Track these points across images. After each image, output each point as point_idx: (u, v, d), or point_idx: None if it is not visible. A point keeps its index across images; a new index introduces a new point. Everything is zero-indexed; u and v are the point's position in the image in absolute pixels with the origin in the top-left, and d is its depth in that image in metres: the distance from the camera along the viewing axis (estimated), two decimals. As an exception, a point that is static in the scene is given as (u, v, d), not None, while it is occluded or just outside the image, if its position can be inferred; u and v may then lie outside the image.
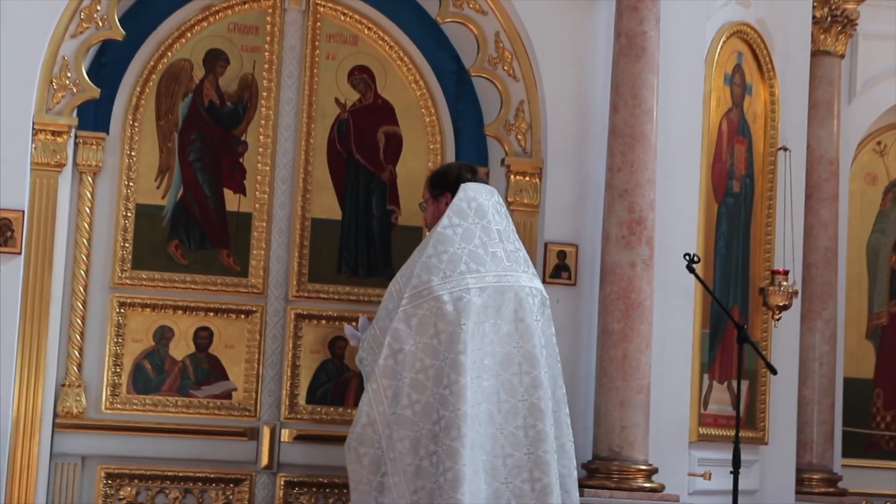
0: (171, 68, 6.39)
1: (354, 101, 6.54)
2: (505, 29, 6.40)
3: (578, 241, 6.32)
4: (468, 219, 5.19)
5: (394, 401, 4.97)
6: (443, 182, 5.43)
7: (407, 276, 5.14)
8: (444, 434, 4.94)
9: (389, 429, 4.95)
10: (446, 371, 5.00)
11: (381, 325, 5.14)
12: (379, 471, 4.94)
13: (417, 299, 5.08)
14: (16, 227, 5.81)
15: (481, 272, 5.16)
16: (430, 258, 5.12)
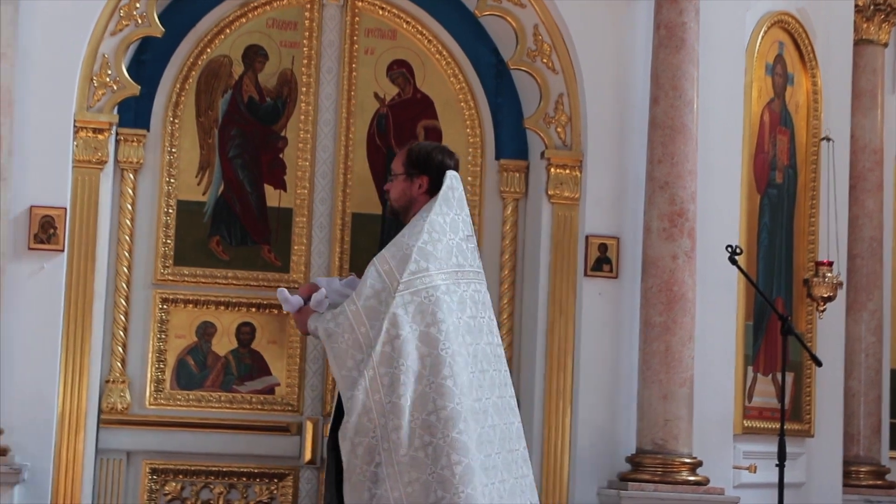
0: (210, 65, 6.40)
1: (393, 96, 6.54)
2: (543, 21, 6.38)
3: (619, 233, 6.29)
4: (453, 209, 5.06)
5: (390, 389, 4.80)
6: (424, 164, 5.13)
7: (400, 258, 4.91)
8: (446, 426, 4.81)
9: (385, 418, 4.79)
10: (447, 361, 4.87)
11: (366, 305, 4.87)
12: (373, 461, 4.79)
13: (415, 285, 4.89)
14: (58, 225, 5.84)
15: (464, 267, 5.06)
16: (427, 245, 4.93)
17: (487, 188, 6.54)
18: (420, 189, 5.10)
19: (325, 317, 4.93)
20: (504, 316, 6.44)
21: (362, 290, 4.87)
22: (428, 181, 5.09)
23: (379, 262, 4.92)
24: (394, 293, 4.83)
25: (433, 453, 4.78)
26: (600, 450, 6.14)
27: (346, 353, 4.84)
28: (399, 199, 5.16)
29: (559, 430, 6.19)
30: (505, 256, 6.49)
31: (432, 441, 4.78)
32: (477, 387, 4.94)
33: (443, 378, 4.83)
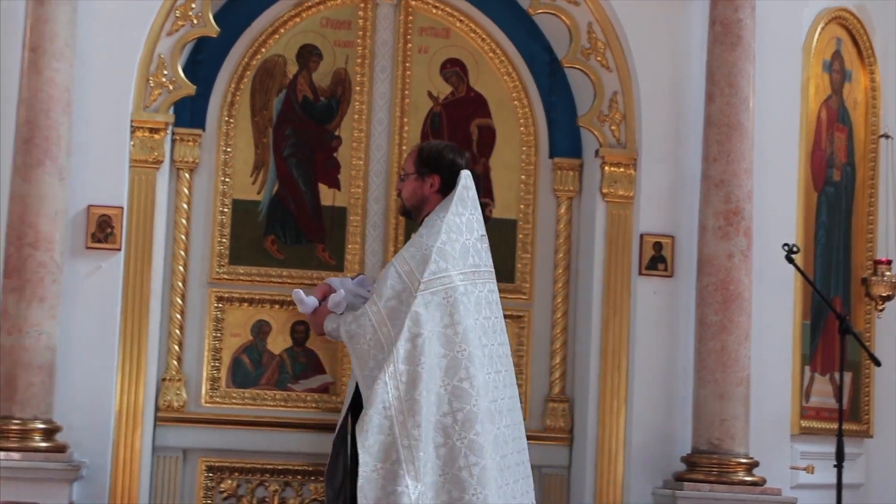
0: (265, 64, 6.43)
1: (447, 95, 6.54)
2: (597, 19, 6.36)
3: (674, 232, 6.26)
4: (468, 209, 5.12)
5: (410, 386, 4.84)
6: (435, 163, 5.19)
7: (420, 259, 4.96)
8: (463, 428, 4.87)
9: (404, 415, 4.82)
10: (463, 363, 4.93)
11: (387, 306, 4.92)
12: (390, 458, 4.81)
13: (435, 286, 4.94)
14: (115, 224, 5.88)
15: (480, 267, 5.12)
16: (445, 245, 4.99)
17: (541, 187, 6.52)
18: (432, 188, 5.16)
19: (346, 318, 4.99)
20: (558, 315, 6.42)
21: (383, 290, 4.93)
22: (440, 180, 5.15)
23: (398, 262, 4.99)
24: (415, 293, 4.89)
25: (447, 455, 4.84)
26: (655, 450, 6.11)
27: (368, 353, 4.91)
28: (411, 199, 5.23)
29: (614, 430, 6.16)
30: (559, 255, 6.47)
31: (446, 442, 4.84)
32: (493, 388, 5.00)
33: (459, 380, 4.90)
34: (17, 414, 5.51)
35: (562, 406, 6.39)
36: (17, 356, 5.52)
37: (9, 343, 5.53)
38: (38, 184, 5.61)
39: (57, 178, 5.65)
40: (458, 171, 5.14)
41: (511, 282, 6.45)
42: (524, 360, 6.43)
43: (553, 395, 6.41)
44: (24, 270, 5.56)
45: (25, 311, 5.55)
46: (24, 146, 5.63)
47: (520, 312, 6.45)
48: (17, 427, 5.49)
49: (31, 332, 5.54)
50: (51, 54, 5.68)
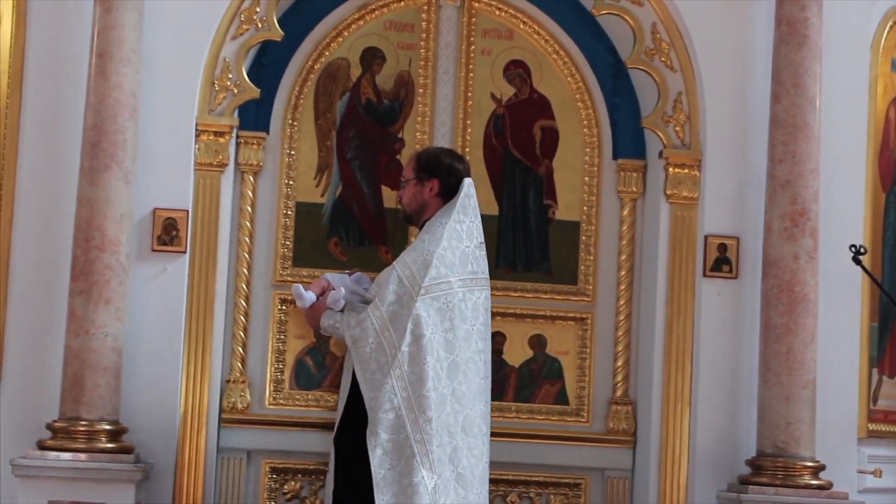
0: (328, 67, 6.46)
1: (510, 96, 6.53)
2: (662, 19, 6.32)
3: (739, 233, 6.21)
4: (469, 216, 5.26)
5: (419, 385, 4.99)
6: (433, 167, 5.34)
7: (421, 264, 5.10)
8: (463, 430, 5.05)
9: (415, 413, 4.97)
10: (461, 368, 5.09)
11: (389, 310, 5.06)
12: (404, 454, 4.96)
13: (435, 291, 5.09)
14: (181, 227, 5.94)
15: (478, 274, 5.26)
16: (446, 251, 5.14)
17: (605, 188, 6.50)
18: (431, 192, 5.31)
19: (349, 321, 5.13)
20: (621, 317, 6.40)
21: (385, 295, 5.06)
22: (438, 184, 5.30)
23: (400, 266, 5.12)
24: (416, 297, 5.04)
25: (452, 453, 5.02)
26: (720, 453, 6.06)
27: (370, 356, 5.04)
28: (411, 204, 5.36)
29: (678, 433, 6.13)
30: (622, 257, 6.44)
31: (451, 441, 5.02)
32: (481, 392, 5.19)
33: (458, 383, 5.07)
34: (83, 415, 5.57)
35: (625, 408, 6.36)
36: (83, 358, 5.59)
37: (76, 345, 5.60)
38: (104, 187, 5.67)
39: (123, 182, 5.71)
40: (456, 174, 5.30)
41: (574, 284, 6.43)
42: (587, 362, 6.41)
43: (616, 398, 6.38)
44: (90, 273, 5.63)
45: (92, 313, 5.61)
46: (92, 150, 5.70)
47: (583, 314, 6.43)
48: (83, 428, 5.56)
49: (98, 334, 5.60)
50: (118, 60, 5.74)
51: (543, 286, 6.43)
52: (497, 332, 6.36)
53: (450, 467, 5.02)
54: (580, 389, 6.41)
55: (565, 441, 6.35)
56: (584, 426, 6.40)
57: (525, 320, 6.42)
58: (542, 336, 6.42)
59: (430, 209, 5.31)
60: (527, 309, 6.41)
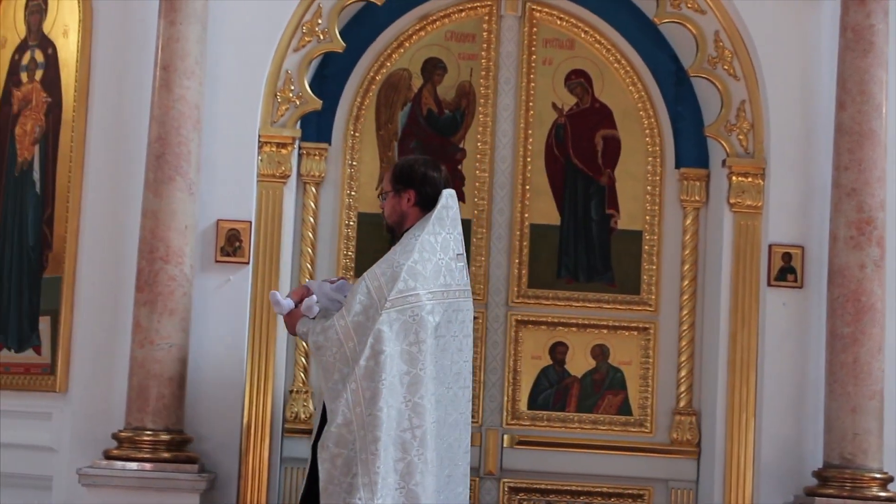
0: (390, 78, 6.48)
1: (571, 106, 6.51)
2: (725, 27, 6.28)
3: (804, 242, 6.15)
4: (446, 228, 5.26)
5: (371, 402, 5.00)
6: (408, 178, 5.37)
7: (390, 276, 5.11)
8: (421, 444, 5.04)
9: (364, 430, 4.98)
10: (424, 381, 5.08)
11: (354, 321, 5.07)
12: (350, 472, 4.97)
13: (402, 304, 5.09)
14: (244, 238, 5.97)
15: (451, 287, 5.24)
16: (416, 264, 5.14)
17: (667, 198, 6.47)
18: (409, 203, 5.34)
19: (315, 329, 5.16)
20: (685, 327, 6.36)
21: (352, 305, 5.08)
22: (415, 194, 5.33)
23: (369, 278, 5.14)
24: (380, 310, 5.05)
25: (404, 470, 5.01)
26: (786, 464, 6.00)
27: (334, 366, 5.07)
28: (392, 215, 5.41)
29: (743, 444, 6.07)
30: (685, 267, 6.40)
31: (405, 457, 5.00)
32: (449, 402, 5.18)
33: (419, 397, 5.05)
34: (148, 425, 5.62)
35: (689, 419, 6.32)
36: (148, 368, 5.64)
37: (141, 355, 5.65)
38: (168, 199, 5.72)
39: (187, 194, 5.76)
40: (431, 183, 5.32)
41: (637, 294, 6.40)
42: (650, 372, 6.38)
43: (680, 408, 6.34)
44: (155, 284, 5.68)
45: (157, 323, 5.66)
46: (156, 162, 5.75)
47: (646, 324, 6.40)
48: (148, 438, 5.60)
49: (162, 345, 5.65)
50: (181, 72, 5.79)
51: (606, 296, 6.40)
52: (559, 342, 6.36)
53: (398, 483, 5.01)
54: (643, 400, 6.38)
55: (629, 452, 6.32)
56: (647, 437, 6.36)
57: (587, 330, 6.40)
58: (604, 346, 6.40)
59: (409, 219, 5.34)
60: (589, 319, 6.39)
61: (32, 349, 6.04)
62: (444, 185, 5.39)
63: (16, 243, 6.13)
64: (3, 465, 6.04)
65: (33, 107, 6.17)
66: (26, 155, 6.16)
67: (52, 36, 6.18)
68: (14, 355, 6.09)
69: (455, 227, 5.29)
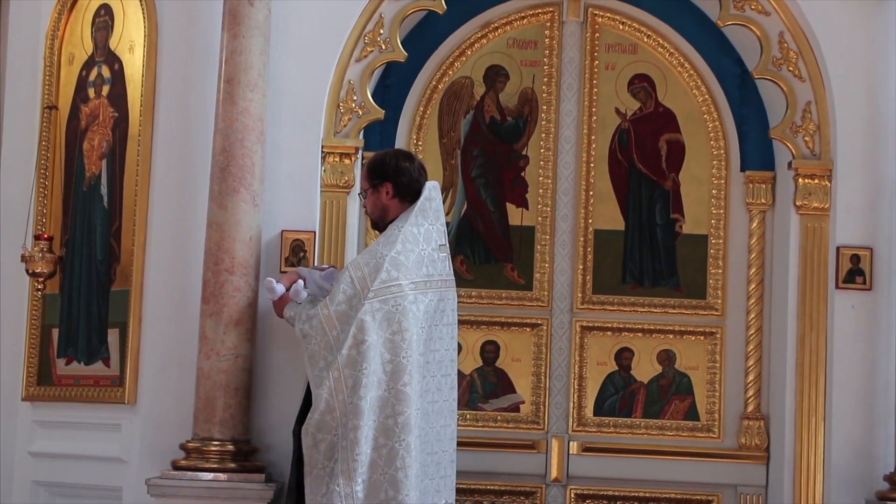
0: (452, 86, 6.50)
1: (635, 111, 6.49)
2: (789, 28, 6.22)
3: (873, 244, 6.07)
4: (428, 219, 5.38)
5: (352, 391, 5.12)
6: (381, 171, 5.50)
7: (373, 267, 5.24)
8: (402, 431, 5.15)
9: (346, 417, 5.09)
10: (407, 369, 5.20)
11: (337, 310, 5.21)
12: (333, 457, 5.10)
13: (384, 294, 5.21)
14: (308, 248, 6.00)
15: (433, 277, 5.35)
16: (399, 255, 5.27)
17: (733, 201, 6.42)
18: (388, 195, 5.48)
19: (301, 316, 5.33)
20: (752, 331, 6.30)
21: (335, 294, 5.24)
22: (392, 186, 5.46)
23: (353, 267, 5.29)
24: (363, 300, 5.19)
25: (387, 455, 5.14)
26: (856, 468, 5.93)
27: (319, 353, 5.22)
28: (374, 211, 5.55)
29: (812, 448, 6.01)
30: (752, 270, 6.35)
31: (387, 443, 5.14)
32: (435, 390, 5.31)
33: (402, 385, 5.18)
34: (216, 435, 5.67)
35: (757, 424, 6.26)
36: (215, 379, 5.69)
37: (207, 366, 5.71)
38: (233, 210, 5.77)
39: (251, 205, 5.80)
40: (405, 173, 5.46)
41: (703, 298, 6.36)
42: (717, 376, 6.33)
43: (748, 413, 6.28)
44: (220, 295, 5.73)
45: (223, 334, 5.71)
46: (220, 174, 5.80)
47: (712, 329, 6.35)
48: (216, 448, 5.65)
49: (229, 356, 5.70)
50: (245, 85, 5.84)
51: (671, 301, 6.37)
52: (625, 347, 6.34)
53: (381, 469, 5.13)
54: (711, 405, 6.33)
55: (696, 457, 6.28)
56: (715, 442, 6.31)
57: (653, 335, 6.37)
58: (670, 351, 6.36)
59: (391, 211, 5.47)
60: (655, 324, 6.36)
61: (101, 361, 6.12)
62: (419, 174, 5.52)
63: (84, 257, 6.21)
64: (74, 477, 6.14)
65: (100, 122, 6.26)
66: (94, 170, 6.25)
67: (119, 52, 6.26)
68: (84, 367, 6.17)
69: (438, 219, 5.42)
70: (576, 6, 6.51)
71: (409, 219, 5.36)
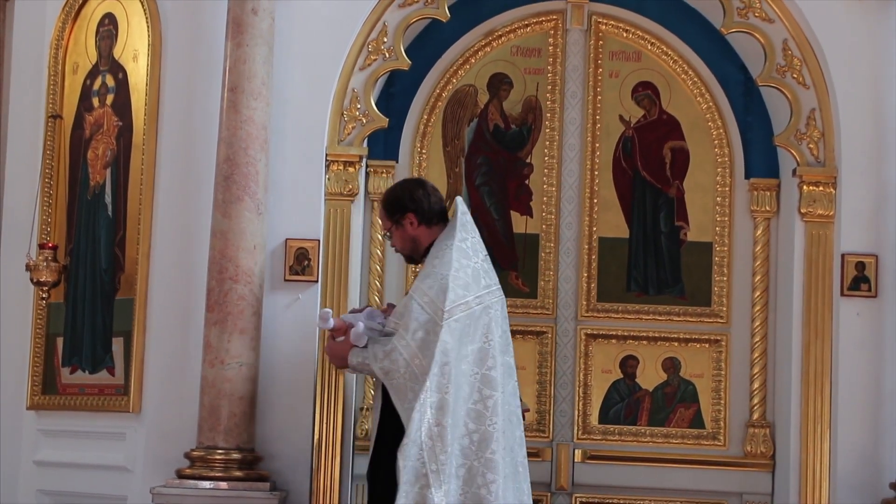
0: (456, 94, 6.50)
1: (639, 118, 6.49)
2: (793, 36, 6.22)
3: (878, 251, 6.06)
4: (470, 232, 5.33)
5: (440, 413, 5.06)
6: (399, 205, 5.43)
7: (438, 289, 5.15)
8: (479, 447, 5.12)
9: (432, 440, 5.04)
10: (477, 386, 5.16)
11: (416, 339, 5.11)
12: (418, 482, 5.03)
13: (457, 313, 5.15)
14: (312, 256, 6.01)
15: (491, 287, 5.31)
16: (458, 272, 5.20)
17: (737, 208, 6.42)
18: (413, 225, 5.41)
19: (377, 355, 5.18)
20: (756, 339, 6.30)
21: (409, 324, 5.13)
22: (415, 215, 5.39)
23: (418, 295, 5.19)
24: (440, 322, 5.10)
25: (466, 475, 5.10)
26: (862, 475, 5.92)
27: (405, 385, 5.11)
28: (406, 246, 5.48)
29: (818, 456, 5.99)
30: (757, 278, 6.34)
31: (464, 462, 5.10)
32: (511, 398, 5.26)
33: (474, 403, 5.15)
34: (220, 444, 5.66)
35: (763, 431, 6.25)
36: (219, 387, 5.68)
37: (211, 375, 5.70)
38: (237, 219, 5.77)
39: (255, 213, 5.80)
40: (423, 199, 5.38)
41: (708, 305, 6.36)
42: (723, 384, 6.32)
43: (753, 421, 6.28)
44: (225, 303, 5.72)
45: (227, 343, 5.70)
46: (224, 183, 5.80)
47: (717, 336, 6.35)
48: (220, 457, 5.64)
49: (233, 364, 5.70)
50: (248, 94, 5.84)
51: (676, 308, 6.36)
52: (629, 355, 6.33)
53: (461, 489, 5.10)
54: (716, 412, 6.32)
55: (702, 465, 6.28)
56: (720, 450, 6.30)
57: (658, 343, 6.36)
58: (675, 359, 6.36)
59: (422, 239, 5.41)
60: (660, 332, 6.35)
61: (106, 370, 6.12)
62: (435, 195, 5.46)
63: (89, 266, 6.22)
64: (79, 486, 6.14)
65: (105, 131, 6.27)
66: (98, 179, 6.25)
67: (123, 61, 6.27)
68: (88, 376, 6.18)
69: (475, 231, 5.37)
70: (579, 14, 6.51)
71: (455, 235, 5.29)
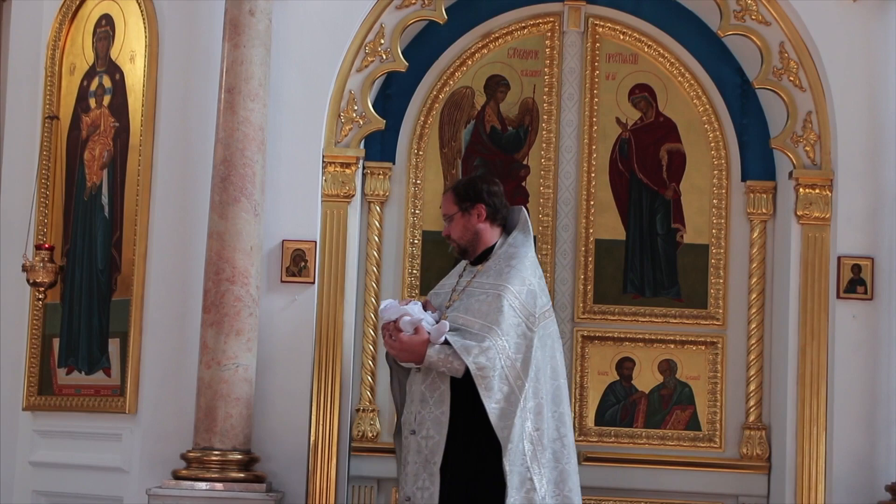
0: (453, 96, 6.50)
1: (636, 120, 6.49)
2: (790, 38, 6.23)
3: (874, 253, 6.07)
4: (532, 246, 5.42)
5: (538, 417, 5.11)
6: (474, 193, 5.41)
7: (527, 294, 5.21)
8: (570, 452, 5.21)
9: (533, 445, 5.07)
10: (563, 392, 5.28)
11: (512, 341, 5.13)
12: (524, 486, 5.05)
13: (544, 319, 5.24)
14: (309, 258, 6.01)
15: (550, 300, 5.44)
16: (540, 280, 5.31)
17: (734, 210, 6.42)
18: (480, 218, 5.41)
19: (472, 350, 5.12)
20: (753, 341, 6.30)
21: (503, 324, 5.13)
22: (485, 208, 5.40)
23: (509, 297, 5.20)
24: (533, 327, 5.17)
25: (558, 478, 5.17)
26: (858, 478, 5.92)
27: (496, 386, 5.09)
28: (463, 237, 5.44)
29: (814, 458, 6.00)
30: (753, 280, 6.34)
31: (557, 466, 5.16)
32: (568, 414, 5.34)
33: (563, 408, 5.25)
34: (216, 445, 5.66)
35: (759, 433, 6.26)
36: (216, 388, 5.68)
37: (208, 376, 5.70)
38: (234, 220, 5.77)
39: (252, 215, 5.80)
40: (497, 196, 5.40)
41: (704, 308, 6.36)
42: (719, 386, 6.33)
43: (749, 423, 6.28)
44: (221, 304, 5.72)
45: (224, 344, 5.70)
46: (221, 184, 5.80)
47: (713, 339, 6.35)
48: (216, 458, 5.64)
49: (229, 365, 5.70)
50: (245, 95, 5.84)
51: (672, 311, 6.37)
52: (626, 357, 6.34)
53: (554, 492, 5.14)
54: (712, 415, 6.33)
55: (698, 467, 6.27)
56: (716, 452, 6.31)
57: (654, 345, 6.36)
58: (672, 361, 6.36)
59: (484, 235, 5.41)
60: (656, 334, 6.36)
61: (102, 371, 6.12)
62: (505, 198, 5.49)
63: (85, 267, 6.22)
64: (75, 487, 6.13)
65: (101, 132, 6.27)
66: (95, 179, 6.26)
67: (120, 62, 6.27)
68: (84, 377, 6.18)
69: None
70: (576, 16, 6.51)
71: (528, 243, 5.38)
